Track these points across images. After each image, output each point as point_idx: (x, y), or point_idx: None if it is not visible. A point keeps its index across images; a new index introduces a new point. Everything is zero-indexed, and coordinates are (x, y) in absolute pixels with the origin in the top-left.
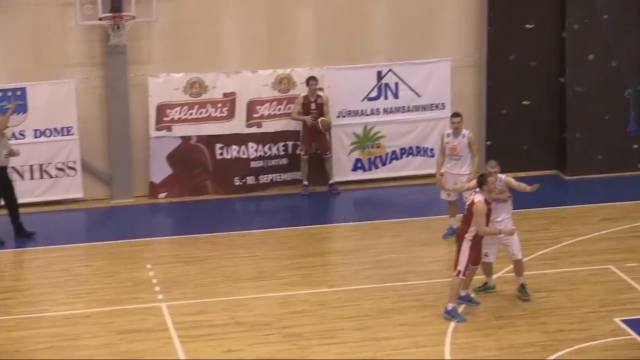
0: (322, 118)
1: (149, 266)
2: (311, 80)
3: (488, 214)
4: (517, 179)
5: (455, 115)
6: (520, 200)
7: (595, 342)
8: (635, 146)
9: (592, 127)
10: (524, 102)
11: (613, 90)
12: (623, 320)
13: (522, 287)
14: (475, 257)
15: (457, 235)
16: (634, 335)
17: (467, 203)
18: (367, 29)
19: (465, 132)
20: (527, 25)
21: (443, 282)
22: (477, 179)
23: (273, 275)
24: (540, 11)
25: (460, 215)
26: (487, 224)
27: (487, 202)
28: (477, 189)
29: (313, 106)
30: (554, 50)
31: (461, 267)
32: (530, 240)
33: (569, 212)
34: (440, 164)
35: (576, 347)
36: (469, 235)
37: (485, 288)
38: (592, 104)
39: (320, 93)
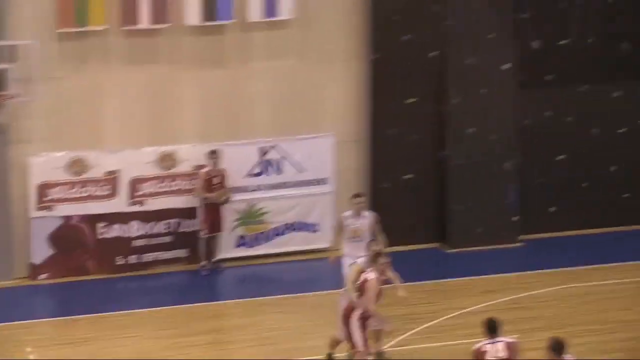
0: (221, 192)
1: (29, 349)
2: (212, 154)
3: (378, 295)
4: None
5: (357, 195)
6: (402, 274)
7: None
8: (515, 218)
9: (473, 200)
10: (406, 176)
11: (492, 163)
12: None
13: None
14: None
15: (344, 314)
16: None
17: (360, 282)
18: (249, 106)
19: (366, 213)
20: (408, 100)
21: None
22: (370, 257)
23: (156, 354)
24: (421, 86)
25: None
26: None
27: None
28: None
29: (216, 180)
30: (435, 124)
31: (360, 346)
32: (412, 314)
33: (450, 285)
34: (338, 243)
35: None
36: (357, 314)
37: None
38: (472, 176)
39: (220, 167)
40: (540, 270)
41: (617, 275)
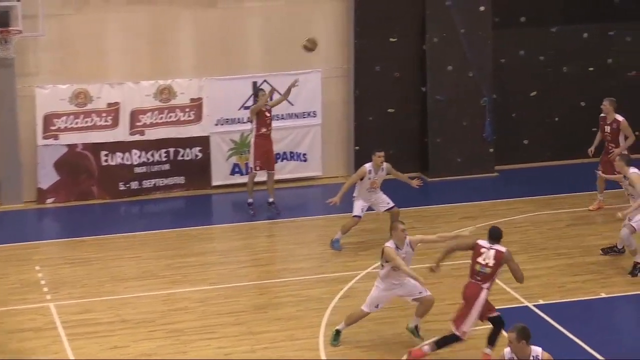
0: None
1: (37, 268)
2: (260, 92)
3: None
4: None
5: (380, 151)
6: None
7: None
8: (491, 150)
9: (452, 133)
10: (389, 110)
11: (470, 98)
12: None
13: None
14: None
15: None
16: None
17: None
18: (243, 42)
19: (384, 165)
20: (391, 39)
21: (315, 278)
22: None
23: (156, 274)
24: (403, 26)
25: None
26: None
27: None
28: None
29: (268, 114)
30: (416, 61)
31: None
32: None
33: (431, 212)
34: (347, 187)
35: (438, 337)
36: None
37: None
38: (451, 111)
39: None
40: (514, 198)
41: (587, 203)
